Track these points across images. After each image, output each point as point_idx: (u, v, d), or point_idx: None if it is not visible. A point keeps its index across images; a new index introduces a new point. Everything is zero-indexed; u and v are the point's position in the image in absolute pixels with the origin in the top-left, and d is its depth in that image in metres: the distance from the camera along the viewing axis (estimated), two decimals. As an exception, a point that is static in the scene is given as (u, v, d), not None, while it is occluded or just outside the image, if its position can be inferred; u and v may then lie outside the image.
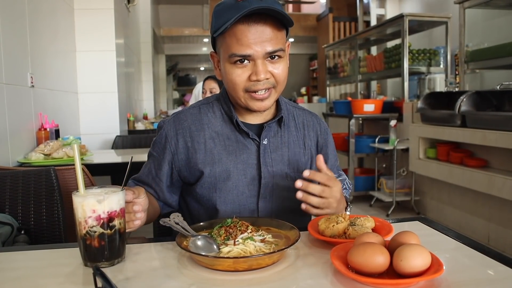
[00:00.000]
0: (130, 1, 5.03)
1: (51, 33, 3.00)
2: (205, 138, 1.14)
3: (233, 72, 1.06)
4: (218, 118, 1.17)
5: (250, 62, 1.04)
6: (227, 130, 1.15)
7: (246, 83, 1.06)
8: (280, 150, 1.17)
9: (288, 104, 1.26)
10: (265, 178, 1.13)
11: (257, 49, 1.02)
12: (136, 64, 6.13)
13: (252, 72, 1.04)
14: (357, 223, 0.94)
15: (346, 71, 6.56)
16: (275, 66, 1.06)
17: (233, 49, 1.03)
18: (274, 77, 1.07)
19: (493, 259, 0.82)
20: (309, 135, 1.23)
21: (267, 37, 1.02)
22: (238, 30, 1.01)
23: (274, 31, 1.03)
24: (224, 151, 1.13)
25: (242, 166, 1.13)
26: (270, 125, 1.16)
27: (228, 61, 1.05)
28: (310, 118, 1.27)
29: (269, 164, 1.14)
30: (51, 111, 2.88)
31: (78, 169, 0.83)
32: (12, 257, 0.88)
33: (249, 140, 1.14)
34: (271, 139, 1.16)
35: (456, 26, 4.12)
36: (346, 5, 10.09)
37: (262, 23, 1.01)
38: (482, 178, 3.11)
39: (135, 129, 4.82)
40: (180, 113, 1.20)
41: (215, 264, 0.78)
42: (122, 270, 0.81)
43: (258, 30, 1.01)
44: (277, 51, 1.04)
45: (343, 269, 0.73)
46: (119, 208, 0.84)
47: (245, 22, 1.00)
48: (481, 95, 3.35)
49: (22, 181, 1.58)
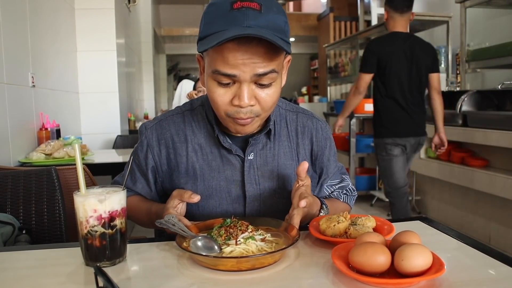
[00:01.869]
0: (131, 1, 5.04)
1: (52, 33, 3.00)
2: (187, 151, 1.06)
3: (215, 90, 0.92)
4: (202, 129, 1.07)
5: (234, 83, 0.91)
6: (210, 143, 1.06)
7: (227, 107, 0.93)
8: (269, 164, 1.07)
9: (282, 107, 1.14)
10: (250, 197, 1.05)
11: (245, 69, 0.87)
12: (137, 64, 6.13)
13: (235, 96, 0.91)
14: (358, 222, 0.94)
15: (347, 71, 6.55)
16: (264, 91, 0.92)
17: (218, 66, 0.89)
18: (260, 104, 0.93)
19: (495, 258, 0.81)
20: (303, 144, 1.12)
21: (259, 59, 0.87)
22: (225, 48, 0.86)
23: (268, 53, 0.88)
24: (206, 166, 1.05)
25: (225, 183, 1.05)
26: (256, 138, 1.05)
27: (211, 76, 0.92)
28: (305, 123, 1.14)
29: (255, 182, 1.05)
30: (52, 111, 2.88)
31: (79, 168, 0.83)
32: (14, 257, 0.89)
33: (233, 155, 1.05)
34: (258, 152, 1.06)
35: (457, 25, 4.11)
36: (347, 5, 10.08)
37: (255, 43, 0.86)
38: (484, 177, 3.11)
39: (136, 129, 4.82)
40: (162, 121, 1.10)
41: (218, 264, 0.78)
42: (124, 270, 0.81)
43: (248, 51, 0.86)
44: (267, 73, 0.89)
45: (344, 268, 0.72)
46: (120, 208, 0.84)
47: (235, 40, 0.85)
48: (482, 94, 3.35)
49: (23, 181, 1.58)
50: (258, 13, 0.86)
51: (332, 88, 7.67)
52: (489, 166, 3.31)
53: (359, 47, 6.07)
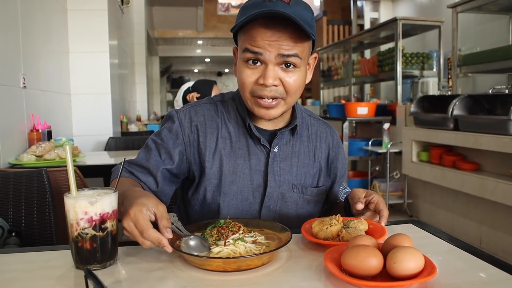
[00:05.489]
0: (124, 2, 5.02)
1: (44, 34, 2.98)
2: (217, 137, 1.11)
3: (243, 71, 1.02)
4: (232, 119, 1.14)
5: (262, 64, 1.00)
6: (239, 133, 1.12)
7: (253, 86, 1.02)
8: (290, 159, 1.14)
9: (304, 112, 1.23)
10: (271, 186, 1.11)
11: (270, 49, 0.97)
12: (130, 65, 6.11)
13: (261, 76, 1.00)
14: (351, 225, 0.94)
15: (340, 74, 6.59)
16: (288, 74, 1.00)
17: (246, 44, 0.99)
18: (284, 86, 1.01)
19: (486, 261, 0.82)
20: (320, 147, 1.20)
21: (284, 42, 0.97)
22: (255, 30, 0.97)
23: (293, 39, 0.97)
24: (233, 153, 1.11)
25: (249, 171, 1.10)
26: (283, 133, 1.13)
27: (241, 58, 1.02)
28: (324, 129, 1.24)
29: (276, 173, 1.12)
30: (44, 112, 2.85)
31: (70, 170, 0.82)
32: (3, 260, 0.87)
33: (259, 146, 1.12)
34: (282, 147, 1.13)
35: (449, 30, 4.15)
36: (340, 8, 10.14)
37: (282, 28, 0.96)
38: (474, 181, 3.13)
39: (128, 131, 4.80)
40: (196, 106, 1.16)
41: (204, 264, 0.79)
42: (114, 273, 0.80)
43: (275, 34, 0.96)
44: (291, 56, 0.98)
45: (337, 271, 0.72)
46: (112, 210, 0.83)
47: (264, 24, 0.96)
48: (473, 98, 3.38)
49: (13, 183, 1.56)
50: (287, 5, 0.96)
51: (325, 91, 7.71)
52: (480, 169, 3.34)
53: (352, 50, 6.10)
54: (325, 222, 0.93)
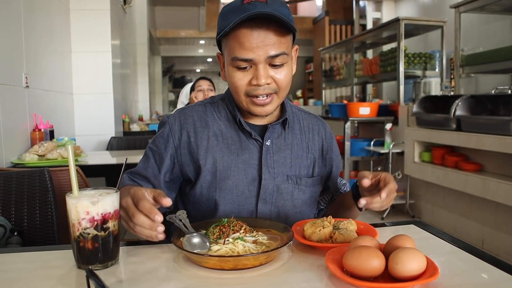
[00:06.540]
0: (126, 2, 5.03)
1: (46, 34, 2.98)
2: (209, 135, 1.14)
3: (235, 75, 1.05)
4: (223, 118, 1.17)
5: (251, 66, 1.04)
6: (231, 130, 1.15)
7: (247, 87, 1.06)
8: (283, 152, 1.17)
9: (294, 107, 1.26)
10: (266, 179, 1.13)
11: (259, 53, 1.01)
12: (132, 65, 6.11)
13: (253, 77, 1.04)
14: (341, 226, 0.95)
15: (342, 74, 6.58)
16: (277, 72, 1.05)
17: (236, 53, 1.02)
18: (276, 83, 1.06)
19: (488, 262, 0.82)
20: (313, 139, 1.23)
21: (270, 41, 1.01)
22: (241, 34, 1.01)
23: (277, 36, 1.02)
24: (226, 149, 1.13)
25: (243, 165, 1.13)
26: (274, 126, 1.15)
27: (230, 64, 1.05)
28: (315, 122, 1.27)
29: (270, 166, 1.14)
30: (46, 112, 2.86)
31: (72, 170, 0.83)
32: (5, 259, 0.87)
33: (252, 140, 1.14)
34: (274, 140, 1.16)
35: (451, 30, 4.14)
36: (342, 9, 10.14)
37: (265, 27, 1.01)
38: (477, 182, 3.12)
39: (130, 131, 4.81)
40: (185, 109, 1.20)
41: (201, 261, 0.80)
42: (116, 273, 0.81)
43: (261, 34, 1.00)
44: (279, 55, 1.03)
45: (338, 272, 0.72)
46: (113, 210, 0.83)
47: (248, 26, 1.00)
48: (476, 99, 3.37)
49: (15, 182, 1.57)
50: (265, 4, 1.00)
51: (327, 91, 7.70)
52: (483, 170, 3.33)
53: (354, 50, 6.09)
54: (317, 224, 0.93)
